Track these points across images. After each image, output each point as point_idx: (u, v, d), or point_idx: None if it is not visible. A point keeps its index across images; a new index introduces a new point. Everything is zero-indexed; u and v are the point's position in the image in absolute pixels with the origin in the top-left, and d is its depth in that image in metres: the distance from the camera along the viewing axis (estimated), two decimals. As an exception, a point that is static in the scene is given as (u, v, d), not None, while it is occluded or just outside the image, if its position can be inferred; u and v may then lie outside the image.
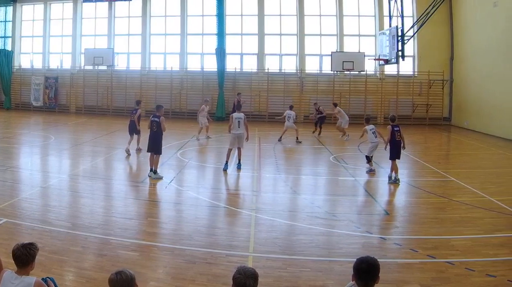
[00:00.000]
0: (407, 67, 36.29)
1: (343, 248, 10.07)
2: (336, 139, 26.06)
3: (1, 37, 41.65)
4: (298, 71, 37.51)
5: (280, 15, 38.23)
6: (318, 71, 37.78)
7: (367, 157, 18.35)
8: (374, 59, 34.99)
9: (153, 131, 16.42)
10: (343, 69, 35.68)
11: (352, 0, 37.54)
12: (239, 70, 38.45)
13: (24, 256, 5.42)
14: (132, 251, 9.60)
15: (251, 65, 38.29)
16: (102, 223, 11.39)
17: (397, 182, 16.32)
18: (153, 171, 16.13)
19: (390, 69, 36.30)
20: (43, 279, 5.62)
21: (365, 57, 35.90)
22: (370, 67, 36.62)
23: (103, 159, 20.42)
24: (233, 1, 38.46)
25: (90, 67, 39.90)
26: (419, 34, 33.42)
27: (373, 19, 37.42)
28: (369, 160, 18.25)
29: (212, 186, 16.23)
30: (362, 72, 36.23)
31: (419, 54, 36.45)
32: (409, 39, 30.53)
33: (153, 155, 16.35)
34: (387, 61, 31.92)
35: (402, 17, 29.86)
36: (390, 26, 31.39)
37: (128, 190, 15.47)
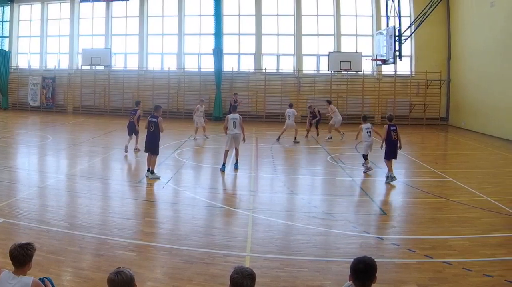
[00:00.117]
0: (404, 67, 36.26)
1: (340, 248, 10.08)
2: (334, 140, 26.01)
3: (-1, 37, 41.67)
4: (296, 71, 37.50)
5: (278, 15, 38.23)
6: (316, 71, 37.80)
7: (364, 155, 18.42)
8: (372, 59, 34.95)
9: (150, 132, 16.40)
10: (340, 69, 35.71)
11: (349, 0, 37.56)
12: (236, 70, 38.41)
13: (21, 256, 5.42)
14: (130, 251, 9.60)
15: (248, 65, 38.34)
16: (99, 223, 11.38)
17: (394, 179, 16.32)
18: (150, 171, 16.12)
19: (388, 69, 36.32)
20: (40, 279, 5.62)
21: (363, 57, 35.96)
22: (367, 67, 36.63)
23: (100, 159, 20.41)
24: (230, 1, 38.40)
25: (88, 67, 39.89)
26: (417, 34, 33.44)
27: (370, 19, 37.43)
28: (366, 158, 18.30)
29: (209, 186, 16.22)
30: (359, 72, 36.26)
31: (416, 54, 36.49)
32: (406, 39, 30.54)
33: (151, 155, 16.36)
34: (384, 61, 31.91)
35: (400, 17, 29.84)
36: (388, 26, 31.38)
37: (125, 190, 15.47)
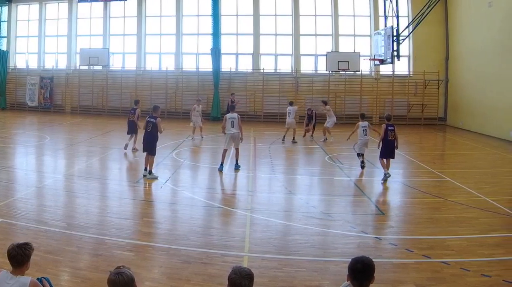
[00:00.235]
0: (402, 67, 36.37)
1: (338, 248, 10.08)
2: (334, 140, 25.99)
3: (-4, 37, 41.63)
4: (293, 71, 37.51)
5: (275, 15, 38.24)
6: (313, 71, 37.80)
7: (358, 153, 18.75)
8: (370, 59, 34.99)
9: (147, 132, 16.38)
10: (338, 69, 35.72)
11: (347, 0, 37.56)
12: (234, 70, 38.42)
13: (19, 256, 5.41)
14: (128, 251, 9.59)
15: (246, 65, 38.31)
16: (97, 223, 11.37)
17: (388, 176, 16.50)
18: (148, 171, 16.12)
19: (385, 69, 36.38)
20: (38, 279, 5.61)
21: (360, 57, 35.96)
22: (365, 67, 36.67)
23: (98, 159, 20.39)
24: (228, 1, 38.38)
25: (86, 67, 39.86)
26: (414, 34, 33.45)
27: (368, 19, 37.46)
28: (359, 155, 18.63)
29: (207, 186, 16.24)
30: (357, 72, 36.29)
31: (414, 54, 36.52)
32: (404, 39, 30.57)
33: (148, 155, 16.35)
34: (382, 61, 31.95)
35: (397, 17, 29.89)
36: (385, 26, 31.42)
37: (123, 190, 15.46)
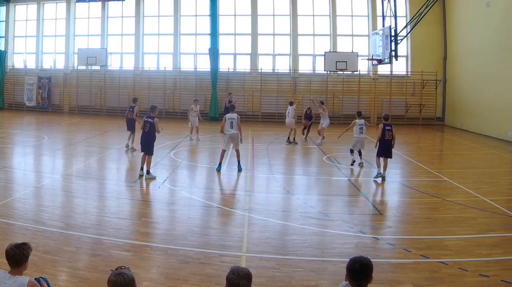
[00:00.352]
0: (400, 67, 36.41)
1: (336, 248, 10.08)
2: (330, 140, 25.98)
3: (-5, 37, 41.60)
4: (291, 71, 37.53)
5: (273, 15, 38.26)
6: (312, 71, 37.82)
7: (351, 150, 19.21)
8: (368, 59, 35.04)
9: (145, 132, 16.35)
10: (336, 69, 35.73)
11: (345, 0, 37.58)
12: (232, 70, 38.45)
13: (17, 256, 5.40)
14: (125, 251, 9.58)
15: (244, 65, 38.31)
16: (95, 223, 11.36)
17: (378, 176, 16.74)
18: (146, 171, 16.10)
19: (383, 69, 36.41)
20: (36, 279, 5.61)
21: (359, 57, 35.97)
22: (363, 67, 36.72)
23: (96, 159, 20.37)
24: (226, 1, 38.43)
25: (84, 67, 39.84)
26: (412, 34, 33.52)
27: (366, 19, 37.48)
28: (352, 152, 19.17)
29: (205, 186, 16.21)
30: (355, 72, 36.29)
31: (412, 54, 36.55)
32: (402, 39, 30.61)
33: (145, 155, 16.33)
34: (380, 61, 31.99)
35: (395, 17, 29.93)
36: (383, 26, 31.47)
37: (121, 190, 15.42)
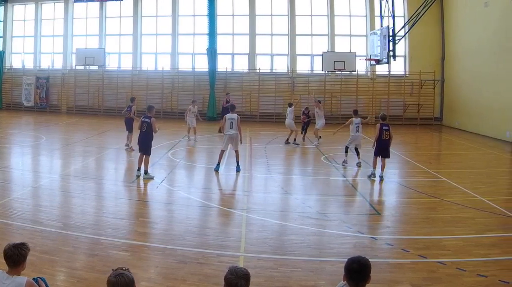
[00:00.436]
0: (398, 67, 36.41)
1: (334, 248, 10.08)
2: (328, 140, 25.94)
3: (-8, 37, 41.57)
4: (289, 71, 37.54)
5: (271, 15, 38.28)
6: (309, 71, 37.87)
7: (346, 147, 19.41)
8: (365, 59, 35.07)
9: (142, 132, 16.32)
10: (334, 69, 35.77)
11: (343, 0, 37.60)
12: (230, 70, 38.47)
13: (15, 256, 5.40)
14: (123, 251, 9.58)
15: (242, 65, 38.39)
16: (93, 223, 11.35)
17: (372, 177, 16.90)
18: (144, 171, 16.09)
19: (381, 69, 36.45)
20: (34, 279, 5.60)
21: (356, 57, 36.05)
22: (361, 67, 36.76)
23: (94, 159, 20.35)
24: (224, 1, 38.43)
25: (81, 67, 39.86)
26: (410, 34, 33.55)
27: (364, 19, 37.50)
28: (347, 151, 19.36)
29: (203, 186, 16.20)
30: (353, 72, 36.35)
31: (410, 54, 36.58)
32: (400, 39, 30.65)
33: (143, 155, 16.32)
34: (378, 61, 32.02)
35: (393, 17, 29.95)
36: (381, 26, 31.51)
37: (119, 190, 15.41)
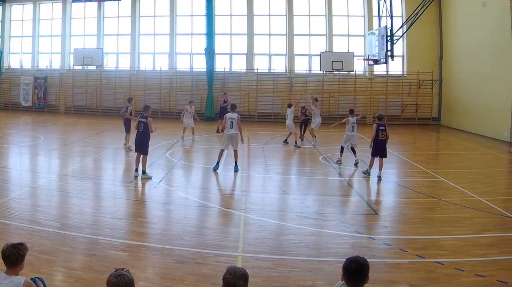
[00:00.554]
0: (396, 67, 36.43)
1: (332, 248, 10.09)
2: (326, 140, 25.96)
3: (-9, 37, 41.52)
4: (287, 71, 37.54)
5: (269, 15, 38.25)
6: (307, 71, 37.82)
7: (342, 147, 19.68)
8: (363, 59, 35.02)
9: (139, 132, 16.31)
10: (332, 69, 35.73)
11: (341, 0, 37.60)
12: (228, 70, 38.42)
13: (13, 256, 5.40)
14: (121, 251, 9.58)
15: (240, 65, 38.31)
16: (91, 223, 11.35)
17: (367, 176, 17.12)
18: (142, 171, 16.09)
19: (379, 69, 36.42)
20: (32, 279, 5.60)
21: (354, 57, 35.97)
22: (359, 67, 36.68)
23: (92, 159, 20.34)
24: (222, 1, 38.36)
25: (79, 67, 39.80)
26: (408, 34, 33.52)
27: (362, 19, 37.50)
28: (342, 151, 19.63)
29: (201, 186, 16.22)
30: (351, 72, 36.30)
31: (408, 54, 36.58)
32: (398, 39, 30.63)
33: (140, 155, 16.31)
34: (376, 61, 31.99)
35: (391, 17, 29.93)
36: (379, 26, 31.48)
37: (117, 190, 15.40)
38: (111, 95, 38.78)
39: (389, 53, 29.71)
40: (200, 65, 37.98)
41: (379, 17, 31.81)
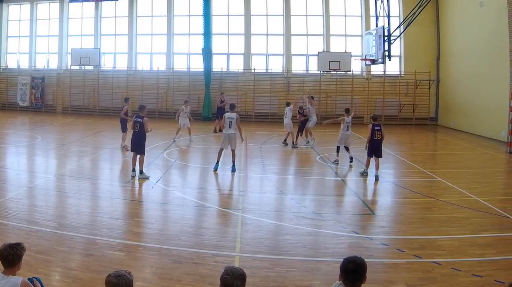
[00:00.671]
0: (393, 67, 36.46)
1: (329, 248, 10.09)
2: (323, 140, 25.97)
3: (-13, 37, 41.45)
4: (285, 71, 37.52)
5: (267, 15, 38.24)
6: (305, 71, 37.82)
7: (337, 147, 19.80)
8: (361, 59, 35.05)
9: (135, 132, 16.26)
10: (329, 69, 35.72)
11: (339, 0, 37.62)
12: (225, 70, 38.41)
13: (11, 256, 5.39)
14: (119, 251, 9.57)
15: (237, 65, 38.27)
16: (88, 223, 11.34)
17: (364, 176, 17.26)
18: (139, 171, 16.07)
19: (377, 69, 36.44)
20: (29, 279, 5.59)
21: (352, 57, 35.97)
22: (356, 67, 36.72)
23: (89, 159, 20.32)
24: (219, 1, 38.40)
25: (77, 67, 39.72)
26: (406, 34, 33.57)
27: (359, 19, 37.51)
28: (338, 151, 19.75)
29: (198, 186, 16.21)
30: (348, 72, 36.31)
31: (405, 54, 36.61)
32: (395, 39, 30.63)
33: (136, 155, 16.29)
34: (373, 61, 32.01)
35: (389, 17, 29.95)
36: (377, 26, 31.50)
37: (114, 190, 15.37)
38: (109, 95, 38.72)
39: (386, 53, 29.74)
40: (198, 65, 37.95)
41: (377, 17, 31.85)
